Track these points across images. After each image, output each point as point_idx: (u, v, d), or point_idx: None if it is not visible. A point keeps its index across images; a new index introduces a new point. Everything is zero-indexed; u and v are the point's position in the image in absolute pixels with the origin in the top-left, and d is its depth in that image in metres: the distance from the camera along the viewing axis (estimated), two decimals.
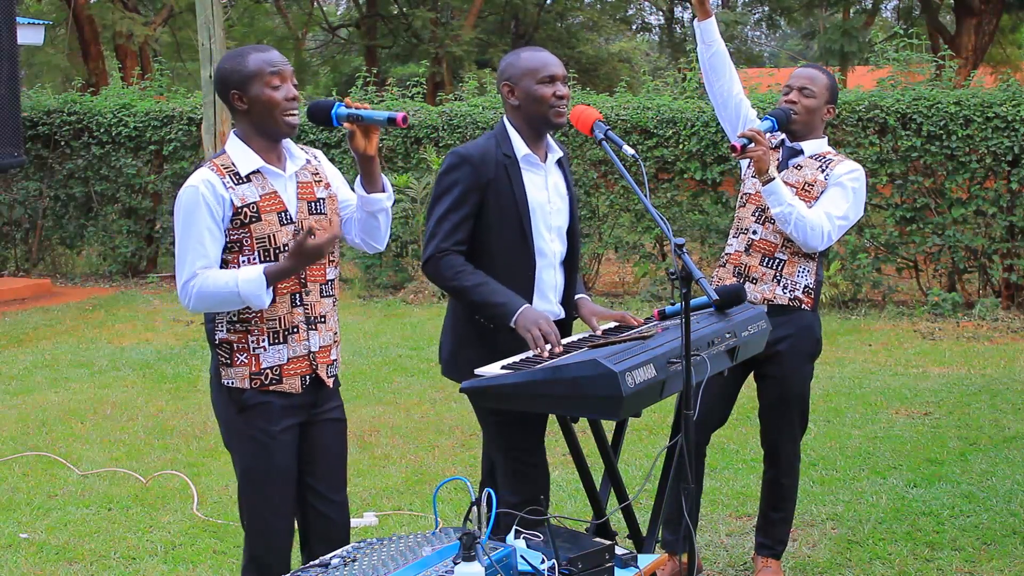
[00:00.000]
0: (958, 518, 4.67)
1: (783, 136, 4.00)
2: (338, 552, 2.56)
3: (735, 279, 3.97)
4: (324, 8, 28.70)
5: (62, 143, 12.12)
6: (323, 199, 3.08)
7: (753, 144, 3.74)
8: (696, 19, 4.03)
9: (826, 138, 4.03)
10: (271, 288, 2.92)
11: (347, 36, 28.37)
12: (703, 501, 4.77)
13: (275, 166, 3.01)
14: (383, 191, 3.10)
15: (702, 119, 10.08)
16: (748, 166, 4.06)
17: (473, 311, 3.34)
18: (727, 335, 3.31)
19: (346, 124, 2.97)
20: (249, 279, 2.88)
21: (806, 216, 3.79)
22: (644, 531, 3.42)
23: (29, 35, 14.64)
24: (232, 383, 3.01)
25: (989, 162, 9.34)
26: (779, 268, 3.92)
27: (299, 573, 2.46)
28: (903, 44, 10.38)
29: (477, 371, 3.07)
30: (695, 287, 2.97)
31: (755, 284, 3.94)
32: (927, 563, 4.24)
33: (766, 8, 25.63)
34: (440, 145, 10.95)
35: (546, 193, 3.43)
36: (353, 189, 3.15)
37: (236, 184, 2.94)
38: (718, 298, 3.19)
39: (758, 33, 35.16)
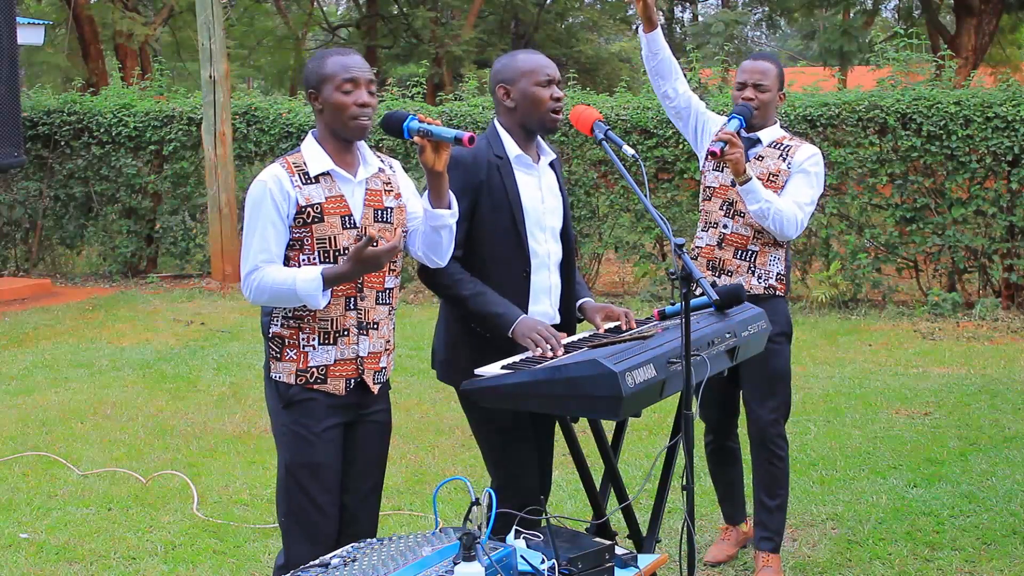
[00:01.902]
0: (958, 518, 4.67)
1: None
2: (338, 552, 2.56)
3: (709, 272, 4.09)
4: (324, 8, 28.70)
5: (62, 143, 12.11)
6: (391, 208, 3.09)
7: (730, 147, 3.83)
8: (642, 30, 4.06)
9: (778, 122, 4.14)
10: (328, 291, 2.95)
11: (347, 36, 28.36)
12: (704, 500, 4.78)
13: (346, 170, 3.03)
14: (448, 207, 3.11)
15: None
16: (706, 159, 4.15)
17: (470, 320, 3.32)
18: (727, 335, 3.31)
19: (416, 138, 2.98)
20: (307, 279, 2.92)
21: (783, 210, 3.92)
22: (644, 531, 3.42)
23: (29, 35, 14.65)
24: (279, 377, 3.05)
25: (989, 162, 9.34)
26: (752, 259, 4.04)
27: (299, 573, 2.46)
28: (903, 44, 10.38)
29: (477, 371, 3.07)
30: (695, 287, 2.97)
31: (730, 277, 4.06)
32: (927, 563, 4.24)
33: (766, 8, 25.62)
34: None
35: (540, 193, 3.41)
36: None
37: (304, 183, 2.97)
38: (718, 298, 3.20)
39: (758, 33, 35.15)
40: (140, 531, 4.67)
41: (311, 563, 2.53)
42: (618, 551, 2.89)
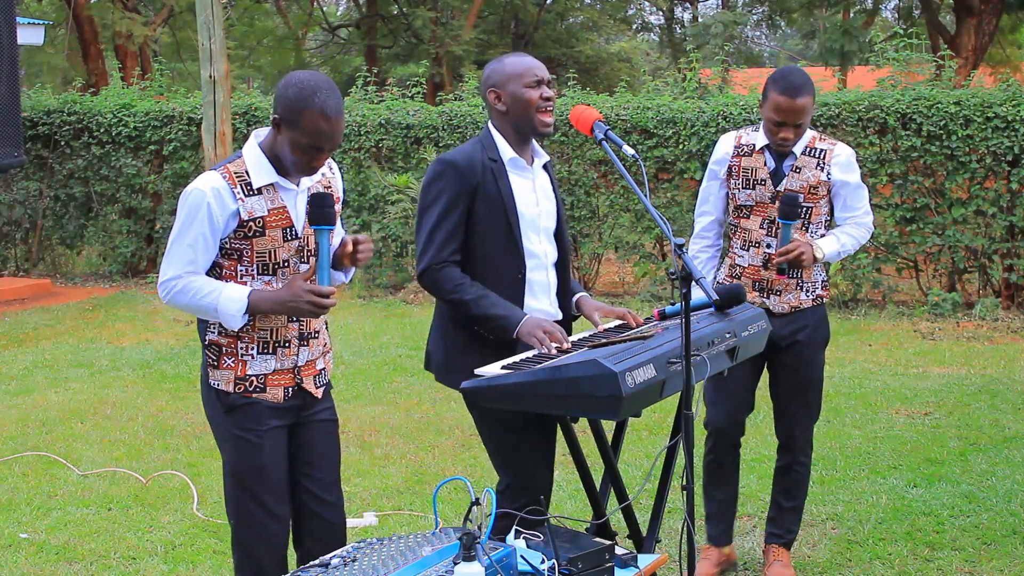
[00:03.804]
0: (958, 518, 4.68)
1: (766, 142, 3.95)
2: (338, 552, 2.56)
3: (757, 294, 4.01)
4: (324, 8, 28.70)
5: (62, 143, 12.12)
6: None
7: (792, 258, 3.82)
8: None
9: None
10: (248, 315, 2.91)
11: (347, 36, 28.36)
12: (704, 500, 4.77)
13: (289, 180, 2.97)
14: (345, 272, 3.12)
15: (702, 119, 10.08)
16: (728, 176, 4.05)
17: (473, 324, 3.32)
18: (727, 335, 3.31)
19: (314, 233, 2.95)
20: (231, 299, 2.87)
21: (859, 237, 4.03)
22: (644, 531, 3.42)
23: (29, 35, 14.65)
24: (218, 385, 3.00)
25: (989, 162, 9.34)
26: (799, 275, 3.99)
27: (299, 573, 2.46)
28: (903, 44, 10.38)
29: (477, 371, 3.07)
30: (695, 287, 2.97)
31: (779, 296, 4.00)
32: (927, 563, 4.24)
33: (766, 8, 25.63)
34: (440, 145, 10.95)
35: (534, 196, 3.42)
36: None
37: (247, 195, 2.90)
38: (718, 298, 3.20)
39: (758, 33, 35.12)
40: (140, 531, 4.67)
41: (311, 563, 2.53)
42: (618, 551, 2.89)
